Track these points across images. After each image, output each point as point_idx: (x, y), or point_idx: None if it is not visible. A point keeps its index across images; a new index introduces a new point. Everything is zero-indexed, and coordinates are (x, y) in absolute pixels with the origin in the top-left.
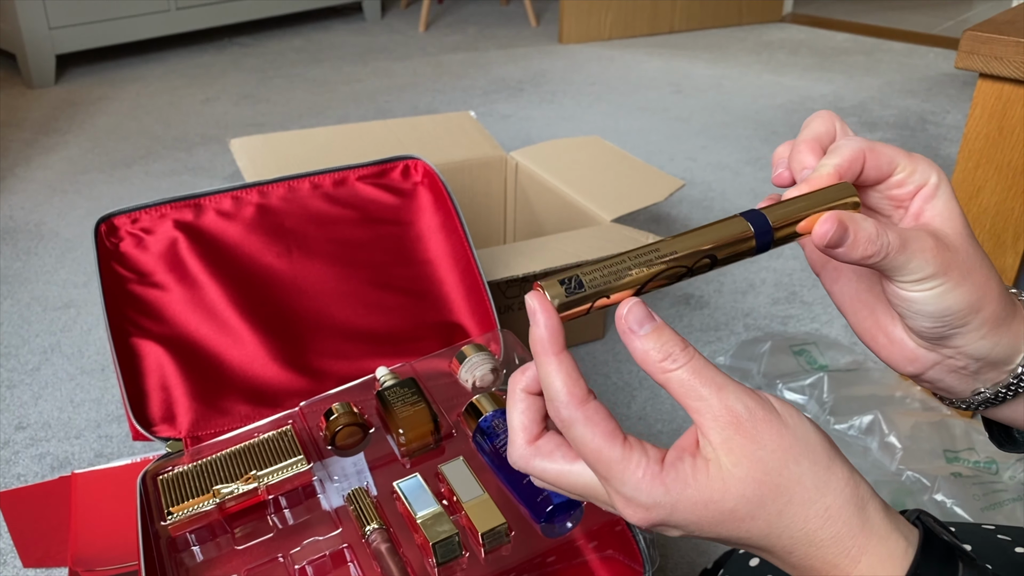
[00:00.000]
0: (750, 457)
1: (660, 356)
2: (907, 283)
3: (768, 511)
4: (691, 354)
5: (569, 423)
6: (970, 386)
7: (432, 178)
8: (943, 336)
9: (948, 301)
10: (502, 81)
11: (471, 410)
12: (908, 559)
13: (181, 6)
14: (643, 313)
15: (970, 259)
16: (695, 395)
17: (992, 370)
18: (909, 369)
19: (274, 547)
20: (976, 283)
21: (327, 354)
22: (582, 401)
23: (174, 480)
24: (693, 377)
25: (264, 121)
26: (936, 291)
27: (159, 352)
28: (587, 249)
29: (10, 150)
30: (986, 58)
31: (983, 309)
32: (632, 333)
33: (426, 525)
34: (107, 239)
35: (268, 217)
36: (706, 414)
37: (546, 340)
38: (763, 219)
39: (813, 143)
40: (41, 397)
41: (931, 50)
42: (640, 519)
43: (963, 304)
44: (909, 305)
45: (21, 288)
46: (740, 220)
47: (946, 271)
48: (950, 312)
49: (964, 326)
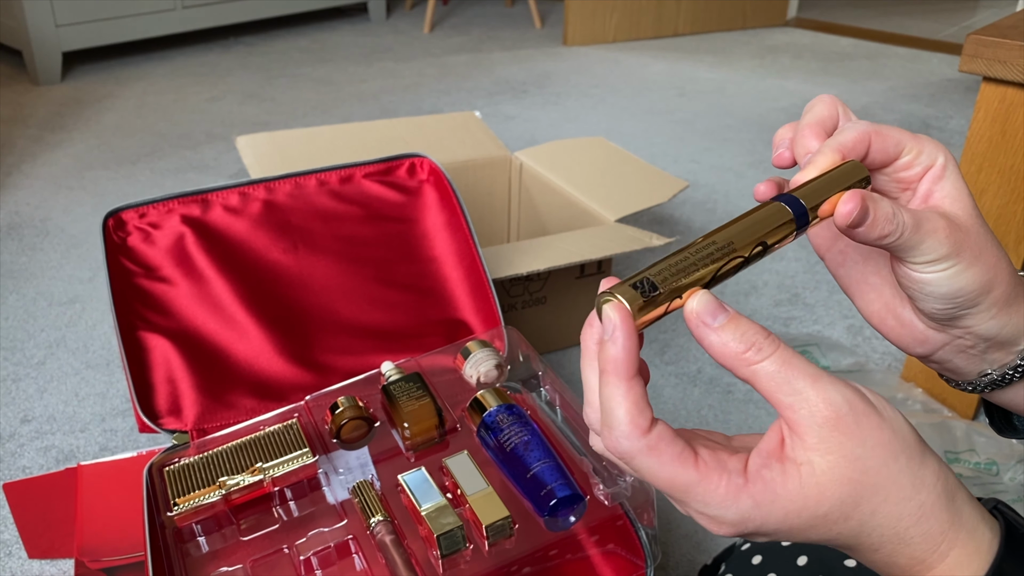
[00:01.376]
0: (848, 456)
1: (743, 347)
2: (920, 264)
3: (862, 511)
4: (777, 343)
5: (631, 455)
6: (978, 367)
7: (438, 176)
8: (954, 317)
9: (961, 282)
10: (506, 82)
11: (475, 405)
12: (992, 552)
13: (187, 5)
14: (715, 304)
15: (980, 239)
16: (788, 388)
17: (1000, 350)
18: (918, 351)
19: (279, 538)
20: (987, 263)
21: (332, 349)
22: (645, 431)
23: (180, 472)
24: (783, 368)
25: (269, 120)
26: (949, 272)
27: (166, 345)
28: (591, 249)
29: (16, 146)
30: (990, 62)
31: (994, 289)
32: (706, 326)
33: (430, 517)
34: (115, 233)
35: (274, 213)
36: (801, 409)
37: (621, 362)
38: (797, 202)
39: (816, 127)
40: (46, 391)
41: (934, 55)
42: (729, 534)
43: (975, 284)
44: (922, 287)
45: (27, 283)
46: (778, 205)
47: (958, 252)
48: (962, 293)
49: (975, 306)
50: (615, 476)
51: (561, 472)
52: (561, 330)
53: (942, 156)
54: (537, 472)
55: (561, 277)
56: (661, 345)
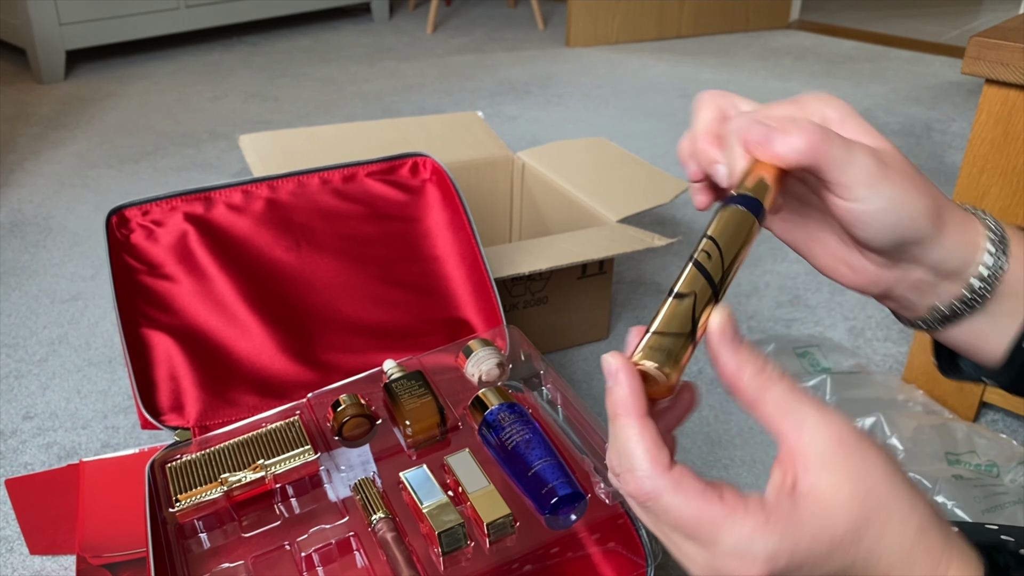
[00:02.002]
0: (853, 476)
1: (756, 369)
2: (858, 192)
3: (872, 532)
4: (783, 372)
5: (656, 494)
6: (929, 301)
7: (440, 175)
8: (901, 247)
9: (902, 209)
10: (509, 83)
11: (477, 403)
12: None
13: (191, 4)
14: (736, 325)
15: (908, 167)
16: (793, 413)
17: (949, 281)
18: (873, 291)
19: (281, 535)
20: (922, 189)
21: (334, 347)
22: (667, 468)
23: (182, 468)
24: (790, 394)
25: (272, 119)
26: (887, 198)
27: (168, 343)
28: (593, 249)
29: (19, 144)
30: (992, 64)
31: (935, 215)
32: (727, 344)
33: (432, 515)
34: (118, 230)
35: (277, 211)
36: (806, 432)
37: (628, 401)
38: (752, 200)
39: (710, 136)
40: (48, 388)
41: (937, 58)
42: (760, 572)
43: (916, 209)
44: (866, 220)
45: (29, 280)
46: (741, 212)
47: (889, 175)
48: (904, 218)
49: (919, 234)
50: None
51: (562, 470)
52: (563, 330)
53: (831, 110)
54: (538, 470)
55: (563, 277)
56: None
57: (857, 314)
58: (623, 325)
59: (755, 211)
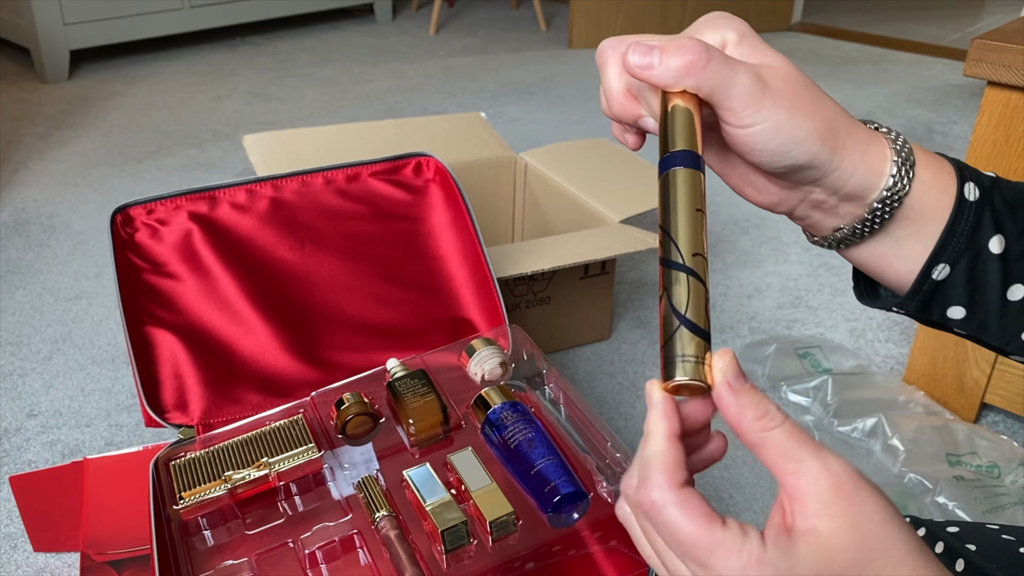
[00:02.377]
0: (851, 521)
1: (758, 414)
2: (740, 115)
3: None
4: (785, 414)
5: (661, 505)
6: (833, 222)
7: (444, 175)
8: (792, 171)
9: (785, 132)
10: (511, 84)
11: (480, 402)
12: None
13: (194, 5)
14: (739, 368)
15: (800, 88)
16: (793, 456)
17: (852, 204)
18: (779, 210)
19: (284, 533)
20: (811, 111)
21: (337, 346)
22: (679, 485)
23: (186, 466)
24: (790, 438)
25: (275, 119)
26: (768, 120)
27: (172, 341)
28: (595, 249)
29: (23, 144)
30: (994, 66)
31: (826, 137)
32: (730, 388)
33: (435, 513)
34: (123, 229)
35: (281, 211)
36: (805, 477)
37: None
38: (686, 155)
39: (622, 92)
40: (52, 386)
41: (938, 61)
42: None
43: (801, 131)
44: (750, 144)
45: (33, 279)
46: (686, 173)
47: (770, 96)
48: (789, 141)
49: (808, 157)
50: (618, 474)
51: (565, 469)
52: (565, 330)
53: (731, 32)
54: (541, 469)
55: (565, 277)
56: None
57: (858, 315)
58: (625, 325)
59: (695, 164)
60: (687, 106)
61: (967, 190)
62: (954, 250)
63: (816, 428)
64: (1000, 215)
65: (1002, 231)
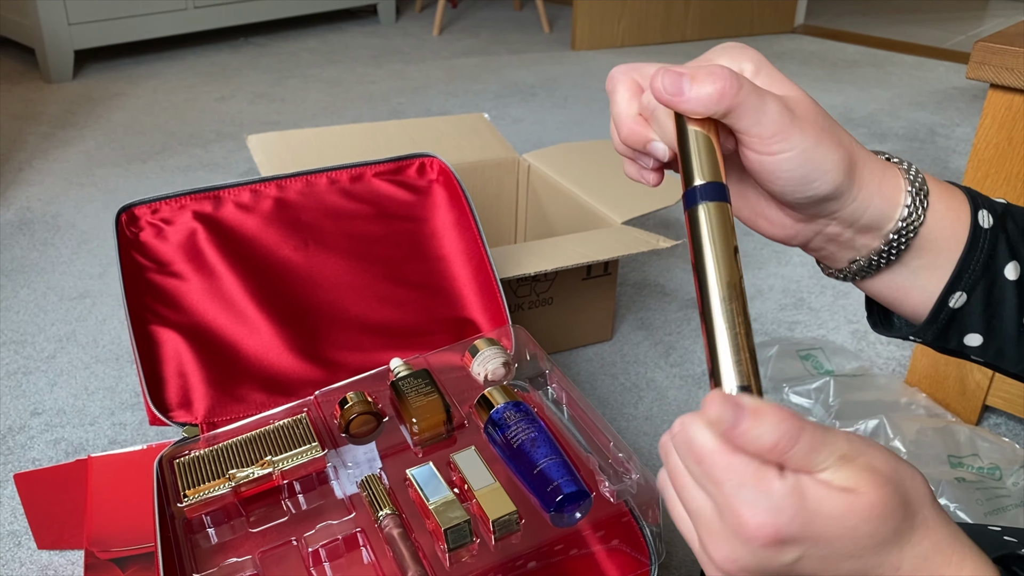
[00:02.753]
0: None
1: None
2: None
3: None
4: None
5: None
6: (849, 255)
7: (447, 176)
8: (813, 201)
9: (812, 162)
10: (514, 86)
11: (483, 402)
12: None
13: (198, 5)
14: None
15: (821, 119)
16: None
17: (867, 236)
18: (793, 243)
19: (288, 531)
20: (834, 141)
21: (341, 346)
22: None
23: (190, 464)
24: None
25: (279, 120)
26: (797, 149)
27: (177, 340)
28: (598, 250)
29: (28, 143)
30: (997, 69)
31: (848, 168)
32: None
33: (438, 511)
34: (127, 228)
35: (286, 210)
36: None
37: None
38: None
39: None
40: (56, 384)
41: (941, 63)
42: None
43: (827, 161)
44: (776, 172)
45: (38, 278)
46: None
47: (799, 125)
48: (814, 171)
49: (831, 187)
50: (620, 473)
51: (567, 469)
52: (567, 331)
53: (747, 63)
54: (544, 468)
55: (568, 278)
56: (666, 347)
57: (860, 317)
58: (627, 327)
59: (723, 196)
60: (707, 133)
61: (981, 217)
62: (970, 278)
63: None
64: (1014, 241)
65: (1017, 257)
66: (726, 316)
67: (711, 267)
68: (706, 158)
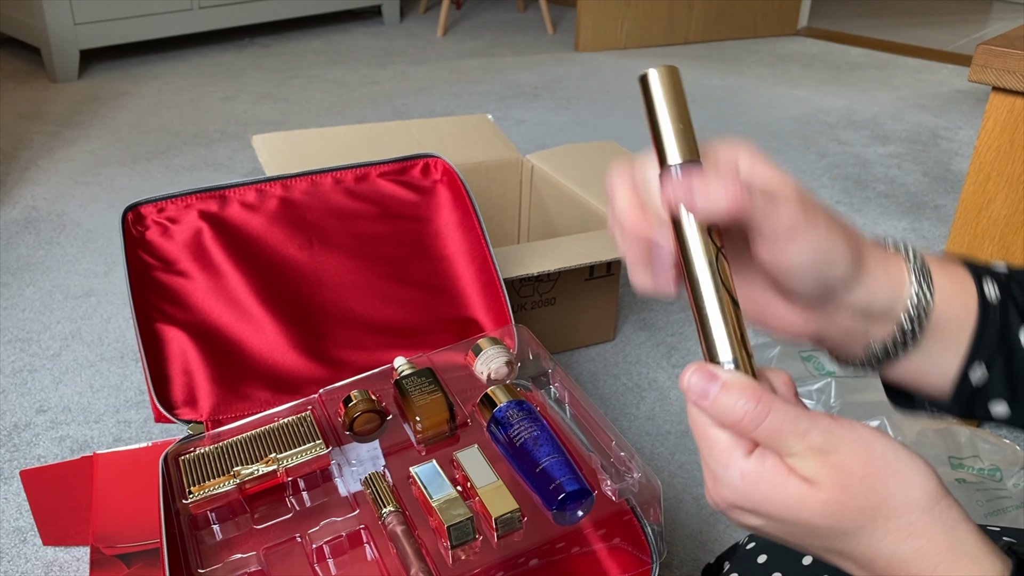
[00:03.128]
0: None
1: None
2: (783, 241)
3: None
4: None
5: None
6: (863, 344)
7: (451, 176)
8: (825, 292)
9: (826, 254)
10: (518, 87)
11: (486, 401)
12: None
13: (203, 5)
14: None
15: (823, 207)
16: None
17: (879, 324)
18: (803, 339)
19: (292, 527)
20: (843, 231)
21: (345, 344)
22: None
23: (195, 461)
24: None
25: (283, 120)
26: (812, 243)
27: (182, 338)
28: (601, 251)
29: (33, 142)
30: (999, 72)
31: (856, 256)
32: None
33: (441, 509)
34: (134, 227)
35: (291, 210)
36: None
37: None
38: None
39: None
40: (62, 382)
41: (945, 66)
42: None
43: (838, 251)
44: (791, 267)
45: (43, 276)
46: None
47: (812, 220)
48: (828, 263)
49: (842, 276)
50: (622, 472)
51: (570, 467)
52: (570, 331)
53: (742, 154)
54: (546, 467)
55: (571, 278)
56: (668, 348)
57: None
58: (629, 327)
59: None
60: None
61: (987, 289)
62: (986, 351)
63: None
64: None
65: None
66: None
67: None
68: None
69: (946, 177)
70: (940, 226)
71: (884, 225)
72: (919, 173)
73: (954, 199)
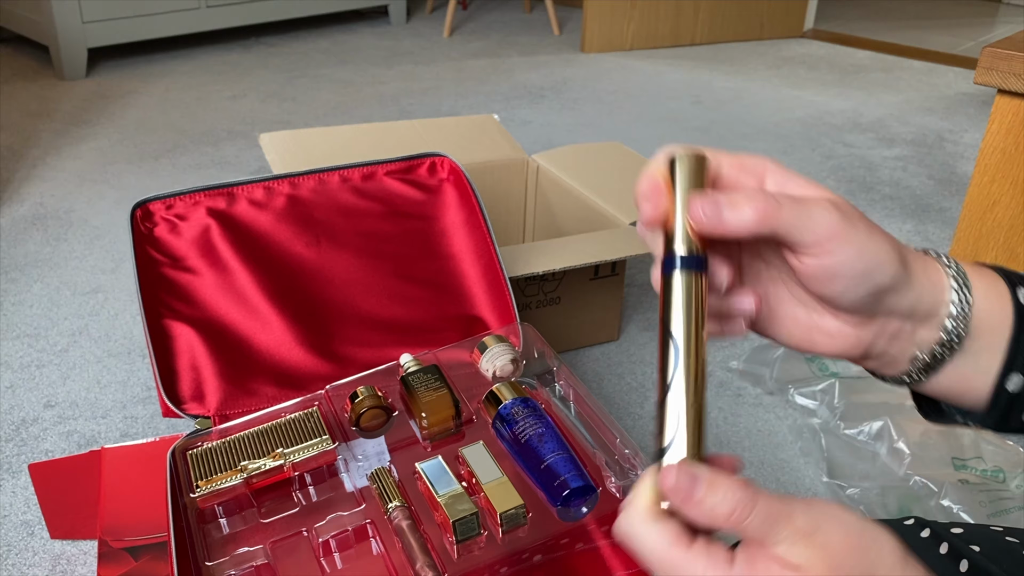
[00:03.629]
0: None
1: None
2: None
3: None
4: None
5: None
6: (910, 351)
7: (458, 175)
8: (875, 297)
9: (871, 255)
10: (524, 87)
11: (491, 398)
12: None
13: (211, 4)
14: (688, 479)
15: (862, 213)
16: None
17: (924, 327)
18: (854, 353)
19: (299, 522)
20: (882, 232)
21: (351, 341)
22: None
23: (203, 455)
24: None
25: (289, 119)
26: (856, 245)
27: (190, 334)
28: (606, 250)
29: (41, 139)
30: (1004, 74)
31: (901, 257)
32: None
33: (447, 504)
34: (142, 224)
35: (298, 208)
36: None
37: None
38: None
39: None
40: (69, 377)
41: (951, 69)
42: None
43: (884, 252)
44: (838, 273)
45: (51, 272)
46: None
47: (852, 222)
48: (875, 263)
49: (891, 278)
50: (627, 469)
51: (574, 464)
52: (574, 330)
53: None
54: (551, 463)
55: (576, 278)
56: None
57: None
58: (634, 327)
59: (698, 265)
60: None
61: (1021, 295)
62: (1022, 359)
63: (823, 431)
64: None
65: None
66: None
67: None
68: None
69: (951, 180)
70: (945, 229)
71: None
72: (924, 176)
73: (959, 202)
